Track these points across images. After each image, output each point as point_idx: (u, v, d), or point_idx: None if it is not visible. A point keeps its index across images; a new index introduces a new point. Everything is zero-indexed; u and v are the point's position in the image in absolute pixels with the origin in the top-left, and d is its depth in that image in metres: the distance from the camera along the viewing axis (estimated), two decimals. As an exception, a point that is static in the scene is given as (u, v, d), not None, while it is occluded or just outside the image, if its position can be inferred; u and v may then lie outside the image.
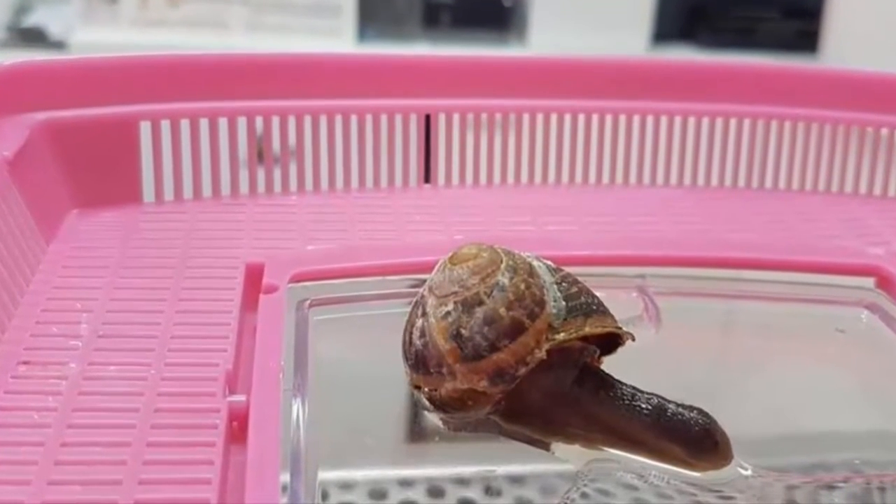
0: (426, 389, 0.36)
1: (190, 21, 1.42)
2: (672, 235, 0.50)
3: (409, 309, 0.37)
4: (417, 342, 0.35)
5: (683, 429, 0.34)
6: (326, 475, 0.34)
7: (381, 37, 1.48)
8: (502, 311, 0.34)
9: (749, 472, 0.34)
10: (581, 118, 0.56)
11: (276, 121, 0.53)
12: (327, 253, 0.46)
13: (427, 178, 0.56)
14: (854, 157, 0.57)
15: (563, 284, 0.36)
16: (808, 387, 0.42)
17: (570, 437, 0.35)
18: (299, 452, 0.33)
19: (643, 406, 0.34)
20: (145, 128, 0.51)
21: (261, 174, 0.53)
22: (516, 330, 0.34)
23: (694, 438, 0.34)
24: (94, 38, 1.38)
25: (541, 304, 0.35)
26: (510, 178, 0.56)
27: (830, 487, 0.34)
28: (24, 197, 0.45)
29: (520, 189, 0.56)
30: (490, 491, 0.34)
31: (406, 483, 0.36)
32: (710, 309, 0.46)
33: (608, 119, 0.56)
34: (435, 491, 0.35)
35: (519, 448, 0.35)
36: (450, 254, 0.36)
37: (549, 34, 1.44)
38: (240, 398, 0.35)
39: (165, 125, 0.51)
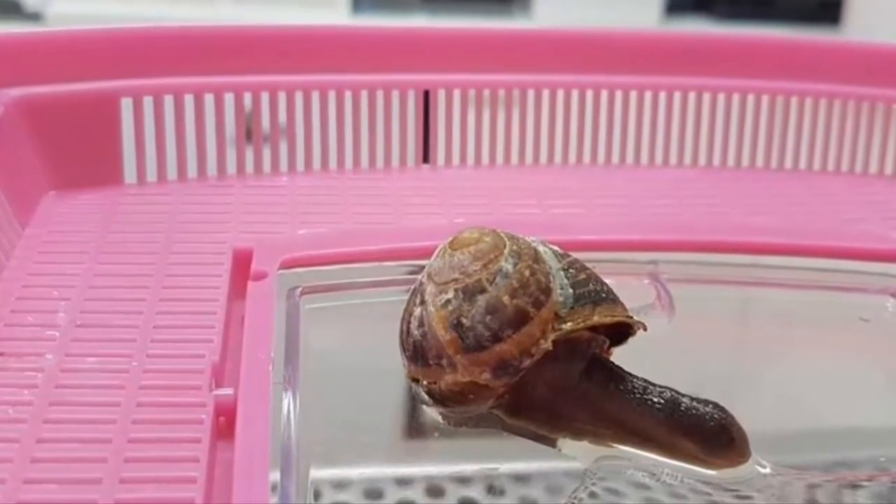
0: (425, 382, 0.36)
1: (174, -9, 1.42)
2: (686, 219, 0.50)
3: (406, 297, 0.36)
4: (415, 332, 0.35)
5: (698, 424, 0.34)
6: (319, 473, 0.34)
7: (377, 8, 1.48)
8: (506, 299, 0.34)
9: (767, 470, 0.34)
10: (589, 94, 0.56)
11: (265, 97, 0.53)
12: (320, 237, 0.46)
13: (426, 158, 0.55)
14: (879, 135, 0.57)
15: (571, 271, 0.36)
16: (830, 379, 0.42)
17: (577, 433, 0.35)
18: (290, 449, 0.33)
19: (655, 400, 0.34)
20: (126, 105, 0.51)
21: (249, 154, 0.53)
22: (520, 319, 0.34)
23: (709, 434, 0.34)
24: (71, 10, 1.38)
25: (546, 291, 0.35)
26: (514, 158, 0.56)
27: (854, 486, 0.34)
28: (-2, 178, 0.45)
29: (524, 170, 0.56)
30: (493, 490, 0.34)
31: (403, 482, 0.36)
32: (727, 297, 0.46)
33: (618, 95, 0.56)
34: (434, 490, 0.35)
35: (523, 444, 0.35)
36: (450, 238, 0.36)
37: (555, 5, 1.44)
38: (227, 392, 0.35)
39: (148, 102, 0.51)
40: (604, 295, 0.36)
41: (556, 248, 0.37)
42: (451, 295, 0.35)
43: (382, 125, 0.54)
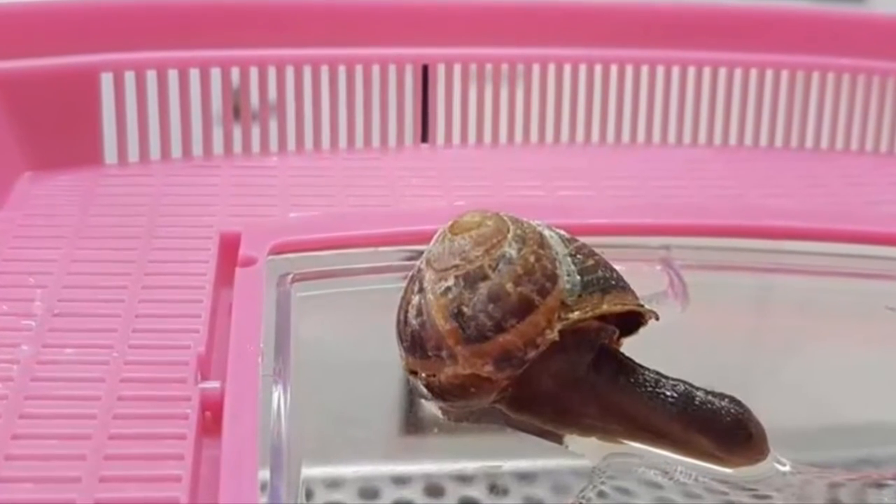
0: (423, 375, 0.36)
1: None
2: (700, 201, 0.50)
3: (404, 284, 0.36)
4: (413, 322, 0.35)
5: (713, 419, 0.34)
6: (311, 471, 0.33)
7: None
8: (509, 286, 0.34)
9: (787, 468, 0.34)
10: (598, 69, 0.56)
11: (254, 72, 0.53)
12: (312, 221, 0.46)
13: (424, 137, 0.55)
14: (906, 113, 0.57)
15: (578, 257, 0.36)
16: (853, 371, 0.42)
17: (585, 429, 0.35)
18: (280, 446, 0.33)
19: (668, 393, 0.34)
20: (107, 80, 0.51)
21: (237, 132, 0.53)
22: (525, 308, 0.34)
23: (725, 430, 0.34)
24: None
25: (552, 278, 0.35)
26: (518, 137, 0.56)
27: (879, 485, 0.34)
28: (-30, 158, 0.45)
29: (529, 149, 0.56)
30: (495, 489, 0.34)
31: (401, 480, 0.35)
32: (743, 284, 0.46)
33: (629, 70, 0.56)
34: (433, 489, 0.35)
35: (528, 441, 0.35)
36: (450, 222, 0.36)
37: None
38: (213, 385, 0.35)
39: (129, 77, 0.51)
40: (613, 282, 0.36)
41: (562, 232, 0.36)
42: (451, 282, 0.34)
43: (378, 102, 0.54)
